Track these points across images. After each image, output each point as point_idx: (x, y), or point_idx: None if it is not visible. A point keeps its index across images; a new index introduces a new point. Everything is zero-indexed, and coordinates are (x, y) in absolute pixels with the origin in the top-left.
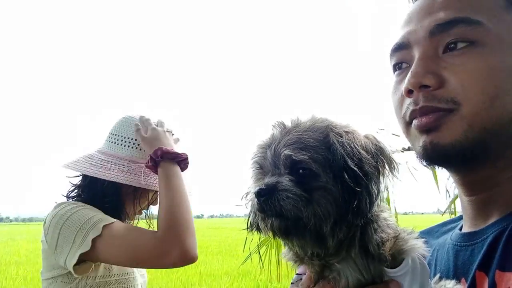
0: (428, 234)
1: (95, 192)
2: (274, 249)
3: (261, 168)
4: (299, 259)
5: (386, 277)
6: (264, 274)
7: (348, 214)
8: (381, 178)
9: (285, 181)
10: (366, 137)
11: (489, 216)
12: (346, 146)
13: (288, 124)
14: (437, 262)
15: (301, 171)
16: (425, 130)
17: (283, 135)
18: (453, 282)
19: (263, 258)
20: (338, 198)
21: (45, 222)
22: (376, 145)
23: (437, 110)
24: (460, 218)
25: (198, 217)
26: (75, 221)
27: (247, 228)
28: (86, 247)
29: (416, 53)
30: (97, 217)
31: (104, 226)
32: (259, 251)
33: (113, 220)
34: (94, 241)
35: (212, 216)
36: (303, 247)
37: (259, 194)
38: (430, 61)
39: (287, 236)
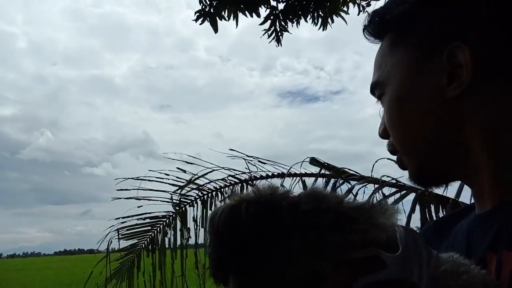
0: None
1: None
2: (125, 282)
3: None
4: None
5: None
6: None
7: None
8: None
9: None
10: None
11: (493, 200)
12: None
13: None
14: (454, 244)
15: None
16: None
17: None
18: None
19: None
20: None
21: None
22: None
23: (392, 153)
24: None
25: None
26: None
27: None
28: None
29: None
30: None
31: None
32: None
33: None
34: None
35: (13, 255)
36: None
37: None
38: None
39: None
